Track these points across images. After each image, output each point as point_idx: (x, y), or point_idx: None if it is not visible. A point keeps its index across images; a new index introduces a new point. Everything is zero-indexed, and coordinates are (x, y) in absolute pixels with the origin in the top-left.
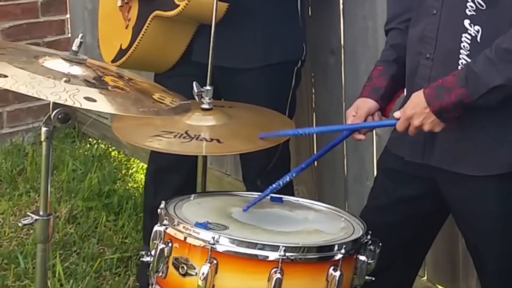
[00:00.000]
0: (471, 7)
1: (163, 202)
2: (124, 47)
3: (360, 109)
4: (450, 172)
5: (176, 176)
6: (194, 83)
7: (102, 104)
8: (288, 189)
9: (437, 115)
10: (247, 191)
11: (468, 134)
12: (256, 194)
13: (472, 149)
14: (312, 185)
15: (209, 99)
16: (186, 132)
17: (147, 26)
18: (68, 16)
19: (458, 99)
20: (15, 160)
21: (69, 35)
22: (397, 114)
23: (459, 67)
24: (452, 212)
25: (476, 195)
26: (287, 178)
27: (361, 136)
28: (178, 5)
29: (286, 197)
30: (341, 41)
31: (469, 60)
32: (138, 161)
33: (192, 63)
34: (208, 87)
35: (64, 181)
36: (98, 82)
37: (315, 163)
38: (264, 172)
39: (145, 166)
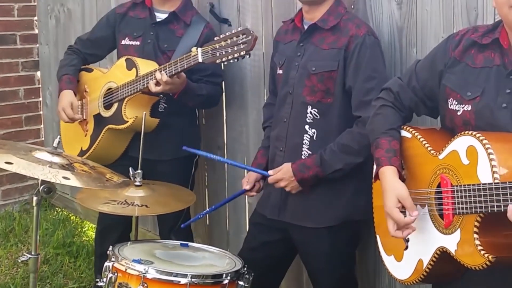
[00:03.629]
0: (309, 117)
1: (111, 246)
2: (84, 149)
3: (251, 176)
4: (297, 225)
5: (115, 232)
6: (130, 168)
7: (73, 181)
8: (190, 240)
9: (299, 182)
10: None
11: (308, 200)
12: (169, 242)
13: (310, 210)
14: (205, 237)
15: (140, 179)
16: (125, 201)
17: (102, 135)
18: (42, 126)
19: (315, 174)
20: (7, 223)
21: (43, 138)
22: (271, 171)
23: (302, 157)
24: (298, 252)
25: (314, 241)
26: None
27: (252, 193)
28: (127, 121)
29: (190, 244)
30: (224, 140)
31: (309, 152)
32: (89, 223)
33: (128, 157)
34: (139, 171)
35: (40, 235)
36: (70, 167)
37: (207, 221)
38: (173, 228)
39: (94, 226)
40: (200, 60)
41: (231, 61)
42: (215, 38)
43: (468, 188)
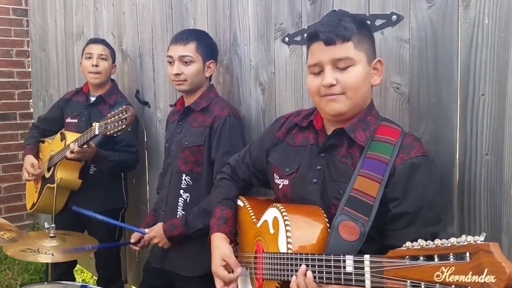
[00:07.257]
0: (184, 183)
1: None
2: (34, 202)
3: (138, 233)
4: (176, 273)
5: (61, 266)
6: (46, 223)
7: None
8: (118, 276)
9: (168, 239)
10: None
11: (184, 253)
12: (72, 283)
13: (186, 261)
14: (136, 271)
15: (53, 231)
16: (37, 249)
17: (44, 192)
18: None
19: (180, 232)
20: (1, 254)
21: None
22: (146, 230)
23: (177, 216)
24: None
25: (190, 287)
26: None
27: (136, 247)
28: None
29: (89, 285)
30: (147, 197)
31: (183, 212)
32: None
33: (69, 209)
34: (53, 225)
35: (23, 264)
36: None
37: (137, 259)
38: (105, 264)
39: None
40: (96, 132)
41: (118, 133)
42: (108, 115)
43: (270, 255)
